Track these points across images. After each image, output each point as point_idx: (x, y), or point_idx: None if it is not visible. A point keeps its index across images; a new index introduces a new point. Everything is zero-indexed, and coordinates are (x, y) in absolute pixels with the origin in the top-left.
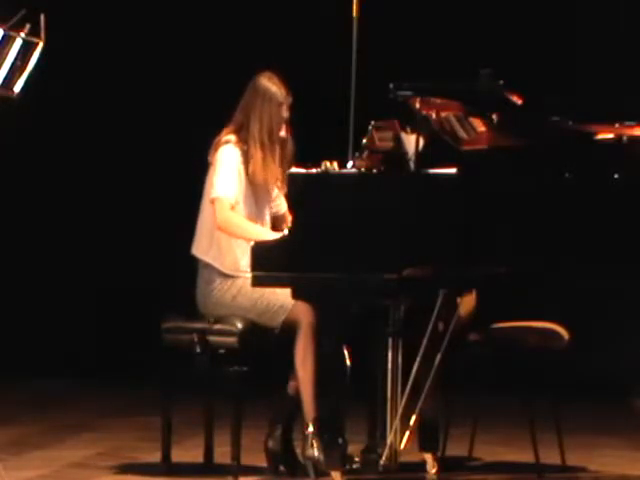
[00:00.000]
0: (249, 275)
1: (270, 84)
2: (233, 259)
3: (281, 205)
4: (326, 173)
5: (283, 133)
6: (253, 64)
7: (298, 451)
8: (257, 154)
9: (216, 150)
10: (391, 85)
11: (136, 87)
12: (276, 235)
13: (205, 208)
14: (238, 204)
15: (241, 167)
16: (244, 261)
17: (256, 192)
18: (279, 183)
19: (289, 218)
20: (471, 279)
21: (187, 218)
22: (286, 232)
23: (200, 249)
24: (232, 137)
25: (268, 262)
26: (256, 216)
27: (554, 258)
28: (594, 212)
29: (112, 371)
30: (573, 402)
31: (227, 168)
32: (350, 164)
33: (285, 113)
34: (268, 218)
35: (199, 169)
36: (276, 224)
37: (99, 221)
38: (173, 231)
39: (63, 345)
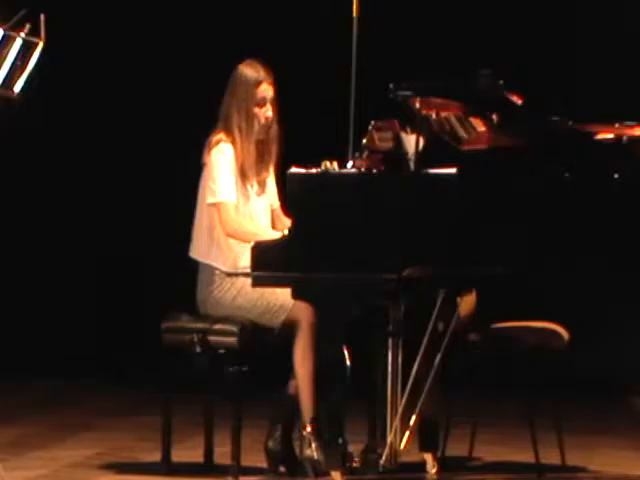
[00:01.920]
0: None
1: (245, 67)
2: (234, 257)
3: (274, 200)
4: (326, 173)
5: (270, 113)
6: None
7: (298, 451)
8: (236, 136)
9: (209, 151)
10: (391, 85)
11: (136, 86)
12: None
13: (202, 210)
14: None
15: (234, 163)
16: (245, 258)
17: (247, 179)
18: (265, 173)
19: (282, 216)
20: (471, 279)
21: (187, 218)
22: (286, 232)
23: (199, 251)
24: (221, 135)
25: (268, 262)
26: (247, 212)
27: (554, 258)
28: (594, 212)
29: (112, 371)
30: (573, 402)
31: (223, 170)
32: (350, 164)
33: (265, 92)
34: (261, 212)
35: (199, 169)
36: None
37: (99, 221)
38: (173, 231)
39: (63, 345)
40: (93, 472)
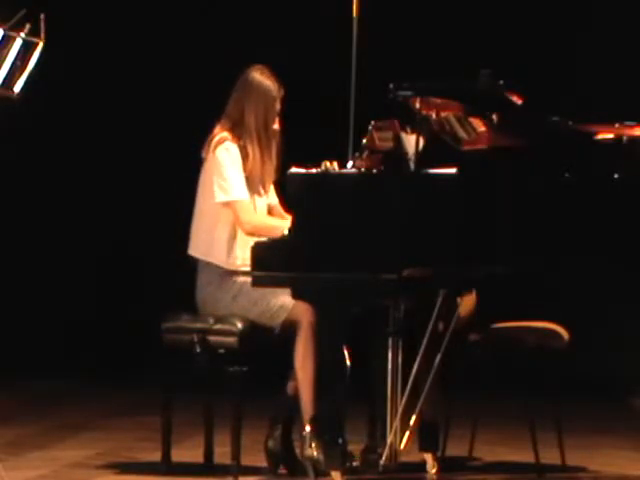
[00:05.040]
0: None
1: (263, 78)
2: (235, 255)
3: (272, 197)
4: (326, 173)
5: (276, 126)
6: (253, 63)
7: (298, 451)
8: (255, 150)
9: (213, 147)
10: (391, 85)
11: (135, 86)
12: None
13: (203, 208)
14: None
15: (241, 164)
16: (246, 256)
17: (251, 187)
18: (268, 183)
19: (283, 213)
20: (471, 279)
21: (187, 218)
22: (286, 232)
23: (200, 249)
24: (227, 134)
25: (268, 262)
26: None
27: (554, 258)
28: (594, 212)
29: (112, 371)
30: (573, 402)
31: (233, 167)
32: (350, 164)
33: (278, 108)
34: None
35: (198, 166)
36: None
37: (99, 221)
38: (173, 231)
39: (63, 345)
40: (93, 472)
